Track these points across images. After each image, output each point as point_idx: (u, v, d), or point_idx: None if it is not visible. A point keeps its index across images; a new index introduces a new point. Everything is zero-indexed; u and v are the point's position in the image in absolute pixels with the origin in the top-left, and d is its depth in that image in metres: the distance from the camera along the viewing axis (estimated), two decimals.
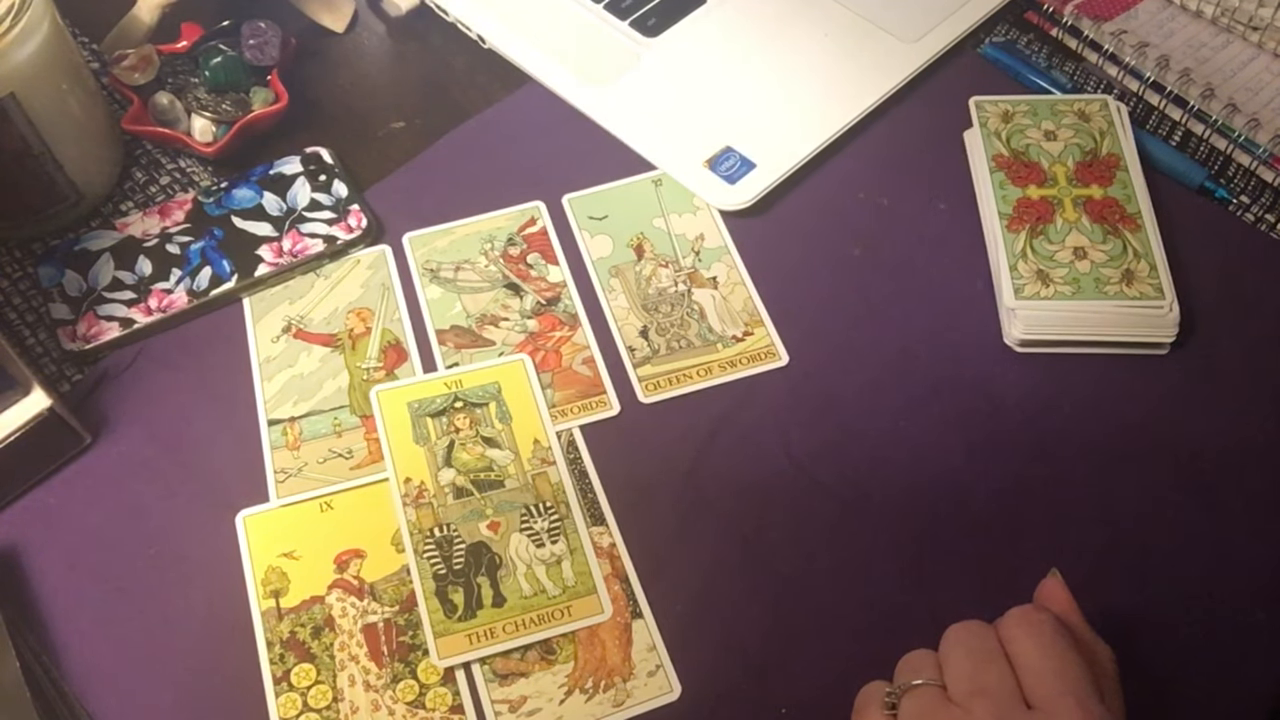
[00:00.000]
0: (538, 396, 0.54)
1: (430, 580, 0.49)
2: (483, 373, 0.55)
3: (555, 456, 0.52)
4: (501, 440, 0.52)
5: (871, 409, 0.55)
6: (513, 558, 0.49)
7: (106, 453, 0.53)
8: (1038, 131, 0.61)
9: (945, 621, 0.47)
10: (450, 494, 0.51)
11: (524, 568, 0.49)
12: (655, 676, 0.47)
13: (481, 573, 0.49)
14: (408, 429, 0.53)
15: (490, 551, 0.49)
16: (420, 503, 0.51)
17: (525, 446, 0.52)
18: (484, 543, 0.50)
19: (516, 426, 0.53)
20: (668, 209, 0.61)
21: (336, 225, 0.60)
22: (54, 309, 0.57)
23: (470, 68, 0.68)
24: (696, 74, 0.66)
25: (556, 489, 0.51)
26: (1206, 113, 0.62)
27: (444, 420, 0.53)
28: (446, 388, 0.54)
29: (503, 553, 0.49)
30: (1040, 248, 0.56)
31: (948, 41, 0.67)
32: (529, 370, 0.55)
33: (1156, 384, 0.55)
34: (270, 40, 0.63)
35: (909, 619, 0.48)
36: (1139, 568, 0.50)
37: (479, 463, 0.52)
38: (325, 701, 0.47)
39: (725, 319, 0.57)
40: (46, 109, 0.55)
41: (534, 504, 0.51)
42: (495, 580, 0.49)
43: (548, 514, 0.51)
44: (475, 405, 0.53)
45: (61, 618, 0.49)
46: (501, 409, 0.53)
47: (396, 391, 0.54)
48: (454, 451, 0.52)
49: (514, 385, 0.54)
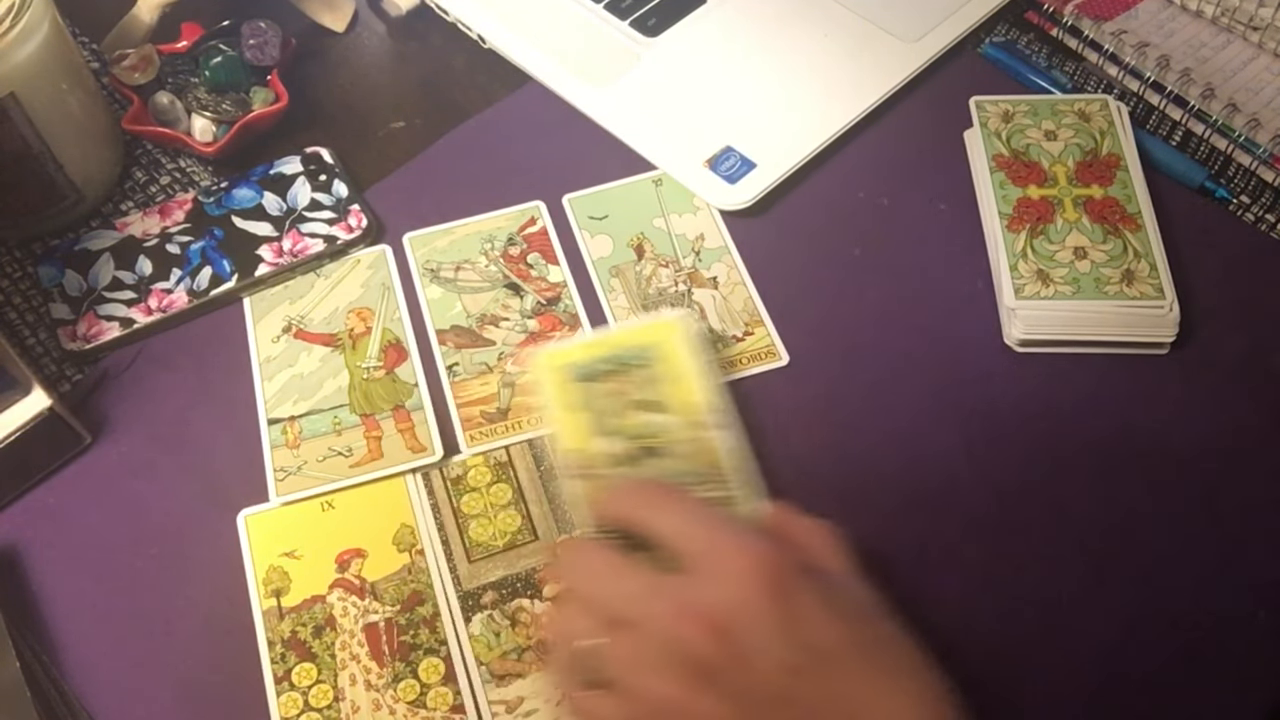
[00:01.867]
0: (698, 359, 0.52)
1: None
2: (640, 332, 0.53)
3: (718, 420, 0.50)
4: (662, 404, 0.51)
5: (871, 409, 0.55)
6: None
7: (106, 453, 0.53)
8: (1038, 131, 0.61)
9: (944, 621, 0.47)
10: (613, 461, 0.49)
11: None
12: None
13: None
14: (566, 394, 0.51)
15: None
16: (584, 473, 0.49)
17: (686, 410, 0.51)
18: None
19: (676, 390, 0.51)
20: (668, 209, 0.61)
21: (337, 225, 0.60)
22: (54, 309, 0.57)
23: (470, 68, 0.68)
24: (696, 74, 0.66)
25: (720, 454, 0.50)
26: (1207, 113, 0.62)
27: (603, 384, 0.51)
28: (604, 350, 0.52)
29: None
30: (1040, 248, 0.56)
31: (948, 41, 0.67)
32: (688, 331, 0.52)
33: (1156, 384, 0.55)
34: (270, 40, 0.63)
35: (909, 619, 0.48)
36: (1139, 567, 0.50)
37: (641, 428, 0.50)
38: (326, 701, 0.47)
39: (725, 319, 0.57)
40: (46, 109, 0.55)
41: (698, 469, 0.49)
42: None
43: (714, 479, 0.49)
44: (635, 367, 0.51)
45: (61, 618, 0.49)
46: (660, 372, 0.51)
47: (554, 354, 0.52)
48: (613, 418, 0.50)
49: (672, 348, 0.52)
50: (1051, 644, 0.48)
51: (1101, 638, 0.48)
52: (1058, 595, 0.49)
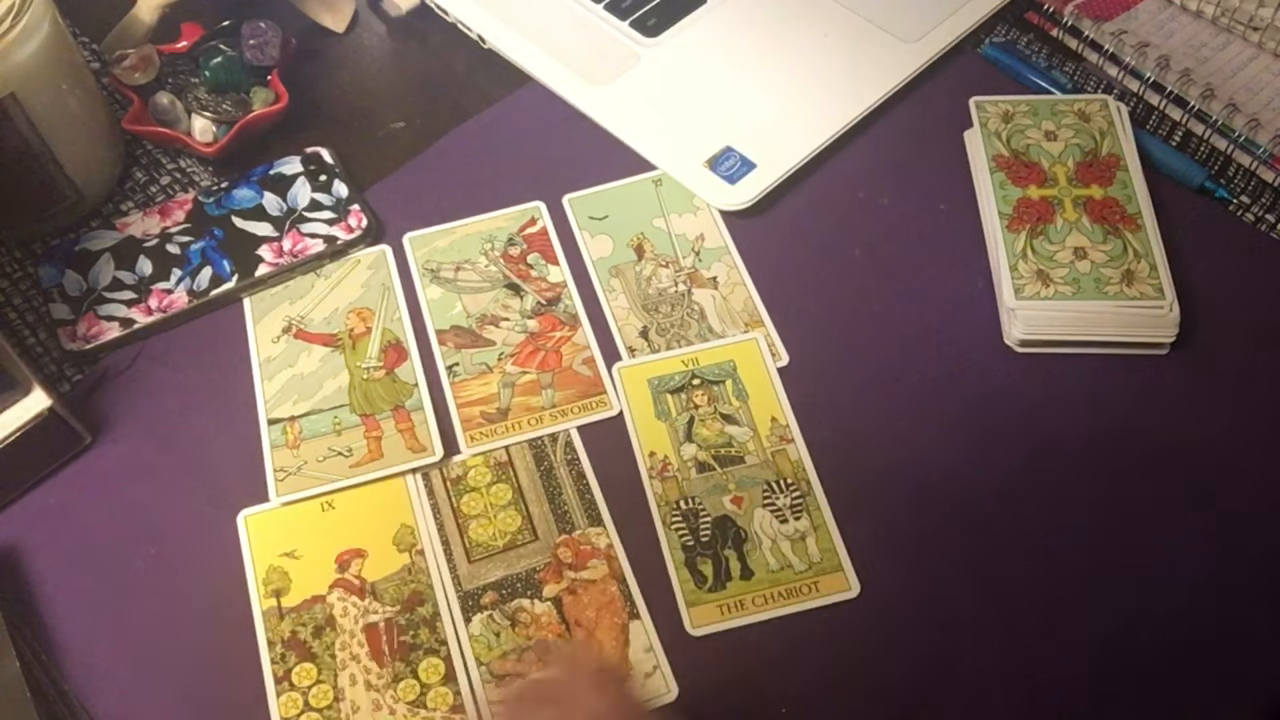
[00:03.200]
0: (773, 375, 0.55)
1: (679, 551, 0.50)
2: (718, 351, 0.56)
3: (794, 434, 0.53)
4: (739, 417, 0.53)
5: (871, 409, 0.55)
6: (757, 532, 0.50)
7: (106, 453, 0.53)
8: (1038, 131, 0.61)
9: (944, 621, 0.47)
10: (693, 468, 0.52)
11: (769, 542, 0.50)
12: (652, 677, 0.47)
13: (728, 545, 0.50)
14: (649, 404, 0.54)
15: (735, 525, 0.50)
16: (665, 476, 0.52)
17: (763, 424, 0.53)
18: (729, 516, 0.51)
19: (753, 404, 0.54)
20: (668, 209, 0.61)
21: (337, 225, 0.60)
22: (54, 309, 0.57)
23: (470, 68, 0.68)
24: (696, 74, 0.66)
25: (796, 466, 0.52)
26: (1207, 113, 0.62)
27: (683, 396, 0.54)
28: (684, 365, 0.55)
29: (747, 527, 0.50)
30: (1040, 248, 0.56)
31: (948, 41, 0.67)
32: (763, 350, 0.55)
33: (1156, 384, 0.55)
34: (270, 40, 0.63)
35: (909, 619, 0.48)
36: (1139, 567, 0.50)
37: (719, 438, 0.53)
38: (326, 701, 0.47)
39: (725, 319, 0.57)
40: (46, 109, 0.55)
41: (775, 480, 0.52)
42: (742, 553, 0.50)
43: (789, 490, 0.51)
44: (712, 382, 0.54)
45: (61, 618, 0.49)
46: (738, 386, 0.54)
47: (637, 369, 0.55)
48: (694, 427, 0.53)
49: (749, 364, 0.55)
50: (1051, 643, 0.48)
51: (1101, 637, 0.48)
52: (1057, 594, 0.49)
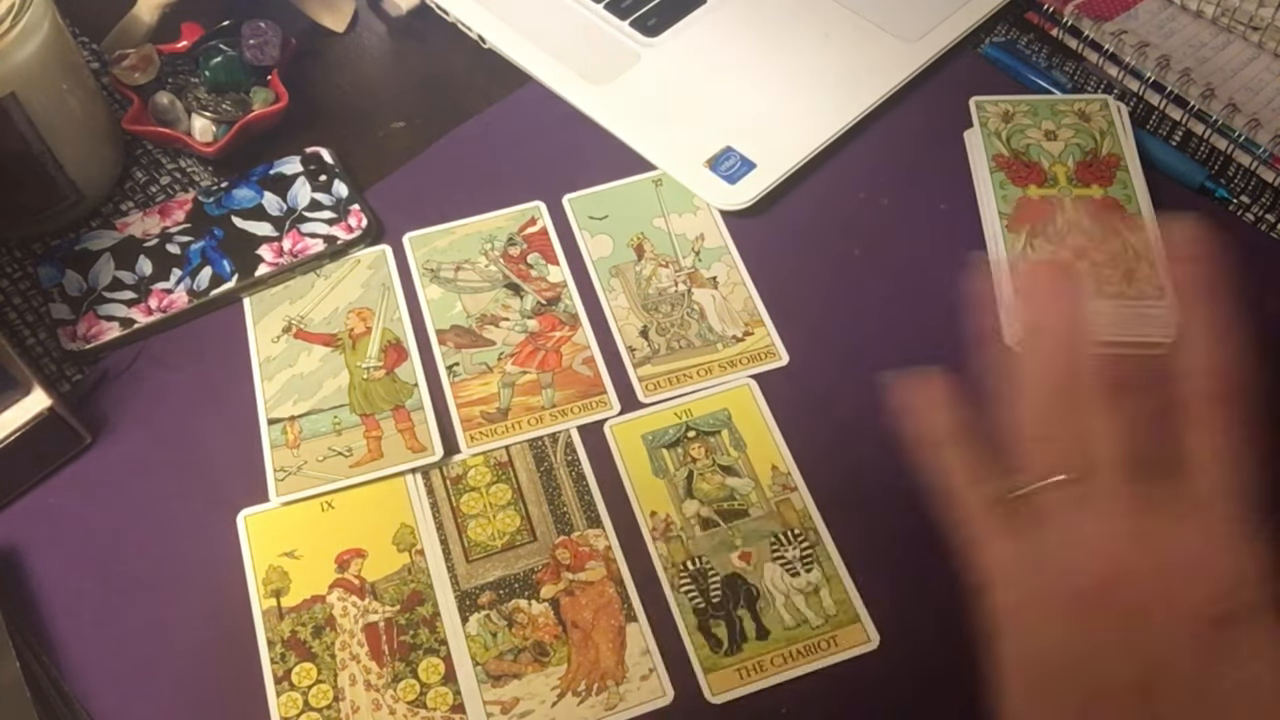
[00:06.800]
0: (769, 421, 0.53)
1: (691, 615, 0.48)
2: (710, 400, 0.54)
3: (796, 481, 0.51)
4: (739, 468, 0.52)
5: (871, 409, 0.54)
6: (769, 588, 0.49)
7: (106, 453, 0.53)
8: (1038, 131, 0.61)
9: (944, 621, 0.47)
10: (697, 525, 0.50)
11: (782, 598, 0.48)
12: (649, 680, 0.47)
13: (741, 605, 0.48)
14: (645, 462, 0.52)
15: (746, 583, 0.49)
16: (669, 536, 0.50)
17: (764, 473, 0.52)
18: (738, 574, 0.49)
19: (752, 454, 0.52)
20: (668, 209, 0.61)
21: (337, 225, 0.60)
22: (54, 309, 0.57)
23: (470, 68, 0.68)
24: (696, 74, 0.66)
25: (803, 515, 0.50)
26: (1207, 113, 0.62)
27: (679, 451, 0.52)
28: (677, 417, 0.54)
29: (759, 584, 0.49)
30: (1040, 247, 0.56)
31: (948, 41, 0.67)
32: (756, 395, 0.54)
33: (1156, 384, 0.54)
34: (270, 40, 0.63)
35: (909, 619, 0.48)
36: None
37: (720, 491, 0.51)
38: (326, 701, 0.47)
39: (725, 319, 0.57)
40: (46, 109, 0.55)
41: (782, 531, 0.50)
42: (755, 612, 0.48)
43: (798, 541, 0.50)
44: (708, 433, 0.53)
45: (61, 618, 0.49)
46: (735, 436, 0.53)
47: (628, 425, 0.53)
48: (694, 482, 0.51)
49: (743, 411, 0.54)
50: None
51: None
52: None
